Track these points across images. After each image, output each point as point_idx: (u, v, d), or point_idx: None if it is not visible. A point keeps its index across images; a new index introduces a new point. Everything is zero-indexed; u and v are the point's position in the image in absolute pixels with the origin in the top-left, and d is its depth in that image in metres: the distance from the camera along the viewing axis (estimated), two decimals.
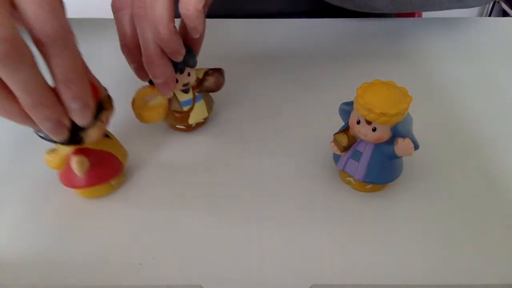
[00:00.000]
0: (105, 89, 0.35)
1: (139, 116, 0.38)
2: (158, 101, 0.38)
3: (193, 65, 0.38)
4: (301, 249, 0.33)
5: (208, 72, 0.39)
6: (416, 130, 0.34)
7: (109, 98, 0.35)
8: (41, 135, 0.32)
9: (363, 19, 0.59)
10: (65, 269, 0.31)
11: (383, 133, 0.32)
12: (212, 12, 0.61)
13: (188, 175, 0.38)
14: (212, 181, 0.38)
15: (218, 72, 0.40)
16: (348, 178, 0.37)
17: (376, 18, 0.59)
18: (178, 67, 0.37)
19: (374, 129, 0.32)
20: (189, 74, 0.38)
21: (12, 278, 0.31)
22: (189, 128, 0.42)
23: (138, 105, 0.38)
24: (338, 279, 0.31)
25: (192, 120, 0.40)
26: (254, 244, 0.33)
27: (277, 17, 0.60)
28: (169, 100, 0.39)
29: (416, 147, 0.32)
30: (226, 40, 0.55)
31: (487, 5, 1.55)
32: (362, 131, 0.32)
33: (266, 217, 0.35)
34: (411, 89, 0.33)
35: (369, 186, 0.36)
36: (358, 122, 0.33)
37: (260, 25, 0.58)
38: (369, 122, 0.32)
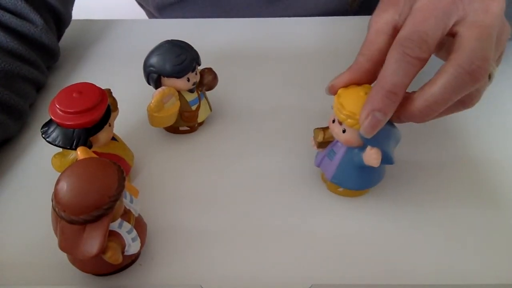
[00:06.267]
0: (110, 91, 0.35)
1: (155, 119, 0.38)
2: (173, 102, 0.38)
3: (200, 63, 0.39)
4: (301, 249, 0.33)
5: (204, 71, 0.41)
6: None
7: (114, 100, 0.35)
8: (48, 139, 0.32)
9: (362, 17, 0.59)
10: (65, 269, 0.31)
11: (352, 137, 0.32)
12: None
13: (188, 175, 0.39)
14: (212, 181, 0.38)
15: (210, 70, 0.41)
16: (325, 177, 0.36)
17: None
18: (192, 66, 0.38)
19: (344, 131, 0.32)
20: (196, 73, 0.39)
21: (12, 278, 0.31)
22: (193, 129, 0.42)
23: (157, 108, 0.38)
24: (338, 279, 0.31)
25: (200, 118, 0.41)
26: (254, 244, 0.33)
27: None
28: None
29: (388, 161, 0.31)
30: (223, 40, 0.55)
31: None
32: (335, 130, 0.33)
33: (266, 216, 0.35)
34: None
35: (341, 189, 0.36)
36: (334, 121, 0.33)
37: (258, 24, 0.58)
38: (340, 122, 0.32)
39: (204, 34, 0.56)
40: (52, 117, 0.32)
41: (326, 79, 0.34)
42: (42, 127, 0.33)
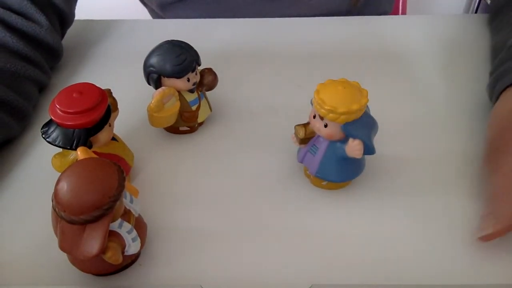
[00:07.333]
0: (110, 91, 0.35)
1: (156, 119, 0.38)
2: (173, 102, 0.38)
3: (200, 64, 0.40)
4: (301, 248, 0.33)
5: (204, 71, 0.41)
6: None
7: (114, 100, 0.35)
8: (48, 140, 0.32)
9: (364, 17, 0.59)
10: (65, 269, 0.31)
11: (334, 131, 0.32)
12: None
13: (188, 175, 0.39)
14: (212, 181, 0.38)
15: (211, 70, 0.41)
16: (308, 172, 0.37)
17: (373, 16, 0.60)
18: (192, 66, 0.38)
19: (326, 125, 0.32)
20: (196, 73, 0.39)
21: (12, 278, 0.31)
22: (193, 129, 0.43)
23: (157, 108, 0.38)
24: (338, 279, 0.31)
25: (200, 118, 0.41)
26: (254, 244, 0.33)
27: None
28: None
29: (370, 151, 0.32)
30: (224, 40, 0.55)
31: (473, 1, 1.55)
32: (316, 125, 0.33)
33: (267, 216, 0.35)
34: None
35: (325, 183, 0.36)
36: (315, 117, 0.33)
37: (259, 24, 0.58)
38: (321, 117, 0.32)
39: (204, 34, 0.56)
40: (52, 117, 0.32)
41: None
42: (42, 127, 0.33)
